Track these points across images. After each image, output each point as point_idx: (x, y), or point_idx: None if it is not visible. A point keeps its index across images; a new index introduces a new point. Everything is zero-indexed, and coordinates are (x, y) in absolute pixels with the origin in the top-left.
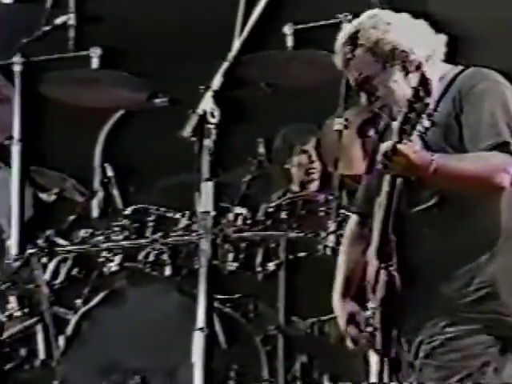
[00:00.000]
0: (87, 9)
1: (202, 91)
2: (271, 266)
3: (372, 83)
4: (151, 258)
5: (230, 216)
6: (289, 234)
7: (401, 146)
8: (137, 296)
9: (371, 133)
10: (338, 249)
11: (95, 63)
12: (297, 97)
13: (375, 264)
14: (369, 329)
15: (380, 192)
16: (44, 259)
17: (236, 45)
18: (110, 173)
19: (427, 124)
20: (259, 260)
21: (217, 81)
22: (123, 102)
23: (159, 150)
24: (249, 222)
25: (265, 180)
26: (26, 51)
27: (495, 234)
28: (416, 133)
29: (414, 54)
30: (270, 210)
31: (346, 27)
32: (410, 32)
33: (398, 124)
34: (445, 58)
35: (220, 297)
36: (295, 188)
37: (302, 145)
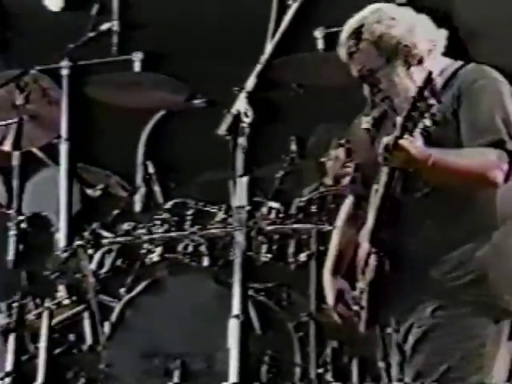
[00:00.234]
0: (130, 16)
1: (236, 92)
2: (303, 256)
3: (375, 76)
4: (190, 249)
5: (264, 210)
6: (319, 226)
7: (402, 141)
8: (176, 285)
9: None
10: None
11: (137, 67)
12: (327, 97)
13: (366, 247)
14: (355, 307)
15: (378, 179)
16: (90, 250)
17: (268, 48)
18: (151, 170)
19: (429, 123)
20: (291, 251)
21: (250, 82)
22: (163, 103)
23: (197, 148)
24: (281, 215)
25: (297, 176)
26: (72, 56)
27: (487, 222)
28: (417, 130)
29: (416, 49)
30: (302, 204)
31: (351, 21)
32: (413, 27)
33: (400, 120)
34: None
35: (254, 286)
36: (328, 182)
37: (339, 140)
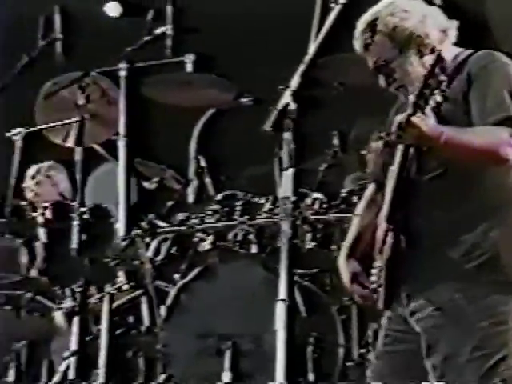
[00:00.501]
0: (182, 21)
1: (281, 91)
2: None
3: (390, 66)
4: (239, 237)
5: (308, 200)
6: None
7: (414, 118)
8: (227, 271)
9: None
10: None
11: (189, 67)
12: (366, 93)
13: (384, 227)
14: (373, 285)
15: (393, 161)
16: (147, 239)
17: (312, 49)
18: (203, 164)
19: (439, 99)
20: (335, 239)
21: (295, 81)
22: (213, 102)
23: (245, 143)
24: (325, 205)
25: (339, 168)
26: (130, 58)
27: (500, 201)
28: (429, 107)
29: (428, 39)
30: (344, 195)
31: (366, 15)
32: (424, 18)
33: (413, 98)
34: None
35: (300, 271)
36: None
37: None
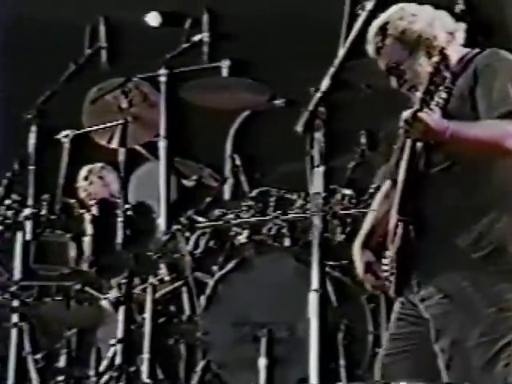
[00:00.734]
0: (218, 28)
1: (312, 93)
2: None
3: (400, 68)
4: (273, 231)
5: (338, 196)
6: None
7: (421, 114)
8: (262, 263)
9: None
10: None
11: (225, 72)
12: (392, 95)
13: (395, 218)
14: (386, 274)
15: (402, 157)
16: (187, 234)
17: (341, 53)
18: (238, 162)
19: (445, 95)
20: None
21: (325, 83)
22: (248, 104)
23: (278, 142)
24: (353, 201)
25: (367, 165)
26: (169, 64)
27: (506, 192)
28: (434, 102)
29: (436, 41)
30: (372, 191)
31: (377, 20)
32: (432, 21)
33: (419, 94)
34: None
35: (331, 263)
36: None
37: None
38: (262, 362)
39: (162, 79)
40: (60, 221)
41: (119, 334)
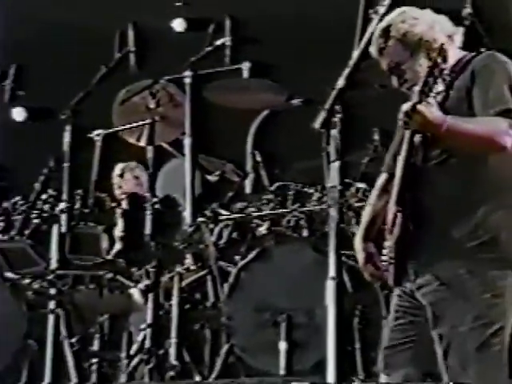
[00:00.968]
0: (239, 33)
1: (328, 92)
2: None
3: (401, 68)
4: (292, 223)
5: (353, 189)
6: None
7: (420, 106)
8: (281, 253)
9: None
10: None
11: (246, 74)
12: (403, 95)
13: (394, 209)
14: (384, 263)
15: (401, 151)
16: (211, 225)
17: (355, 54)
18: (258, 158)
19: (442, 88)
20: None
21: (340, 83)
22: (267, 104)
23: (296, 139)
24: (367, 194)
25: (379, 161)
26: (194, 67)
27: (501, 187)
28: (432, 95)
29: (436, 43)
30: None
31: (381, 23)
32: (433, 24)
33: (418, 88)
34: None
35: (346, 252)
36: None
37: None
38: (282, 345)
39: (187, 81)
40: (93, 214)
41: (148, 319)
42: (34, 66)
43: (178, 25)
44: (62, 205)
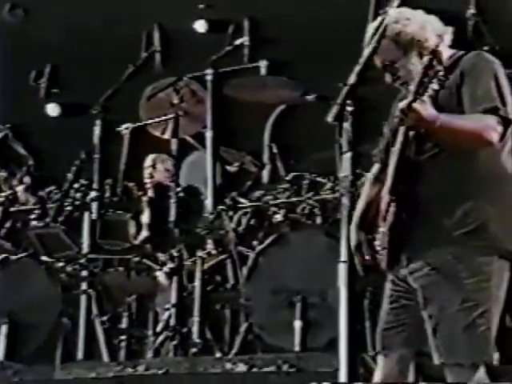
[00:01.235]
0: (258, 33)
1: (340, 88)
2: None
3: (394, 66)
4: (306, 211)
5: (363, 179)
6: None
7: (415, 104)
8: (296, 238)
9: None
10: None
11: (263, 71)
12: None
13: (387, 198)
14: (378, 248)
15: (395, 143)
16: (230, 213)
17: (366, 52)
18: (275, 150)
19: (436, 87)
20: None
21: (351, 79)
22: (283, 99)
23: (310, 132)
24: None
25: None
26: (215, 65)
27: (489, 179)
28: (427, 94)
29: (427, 42)
30: None
31: (374, 23)
32: (425, 24)
33: (413, 86)
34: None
35: None
36: None
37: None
38: (297, 324)
39: (209, 78)
40: (121, 202)
41: (173, 300)
42: (67, 66)
43: (200, 26)
44: (93, 193)
